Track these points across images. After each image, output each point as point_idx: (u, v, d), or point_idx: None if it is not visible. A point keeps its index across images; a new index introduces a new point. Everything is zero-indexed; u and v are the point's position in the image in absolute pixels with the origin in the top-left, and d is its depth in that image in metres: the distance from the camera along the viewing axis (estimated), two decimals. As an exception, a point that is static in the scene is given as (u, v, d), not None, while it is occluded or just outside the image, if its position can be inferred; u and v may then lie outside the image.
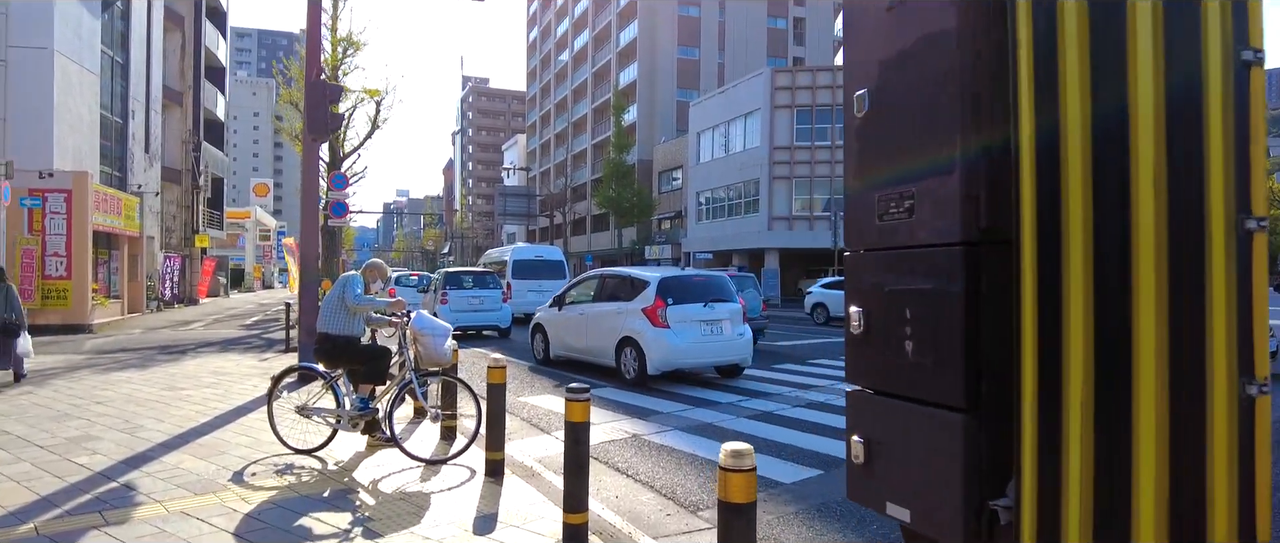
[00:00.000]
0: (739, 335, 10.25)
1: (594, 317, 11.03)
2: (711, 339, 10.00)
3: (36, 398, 8.57)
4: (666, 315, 9.76)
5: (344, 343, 5.67)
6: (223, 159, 42.54)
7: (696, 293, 10.24)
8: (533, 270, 22.16)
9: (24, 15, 18.97)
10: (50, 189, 18.73)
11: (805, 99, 36.81)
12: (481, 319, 17.64)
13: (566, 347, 11.74)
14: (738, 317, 10.35)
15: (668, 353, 9.63)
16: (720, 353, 10.12)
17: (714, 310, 10.09)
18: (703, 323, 9.97)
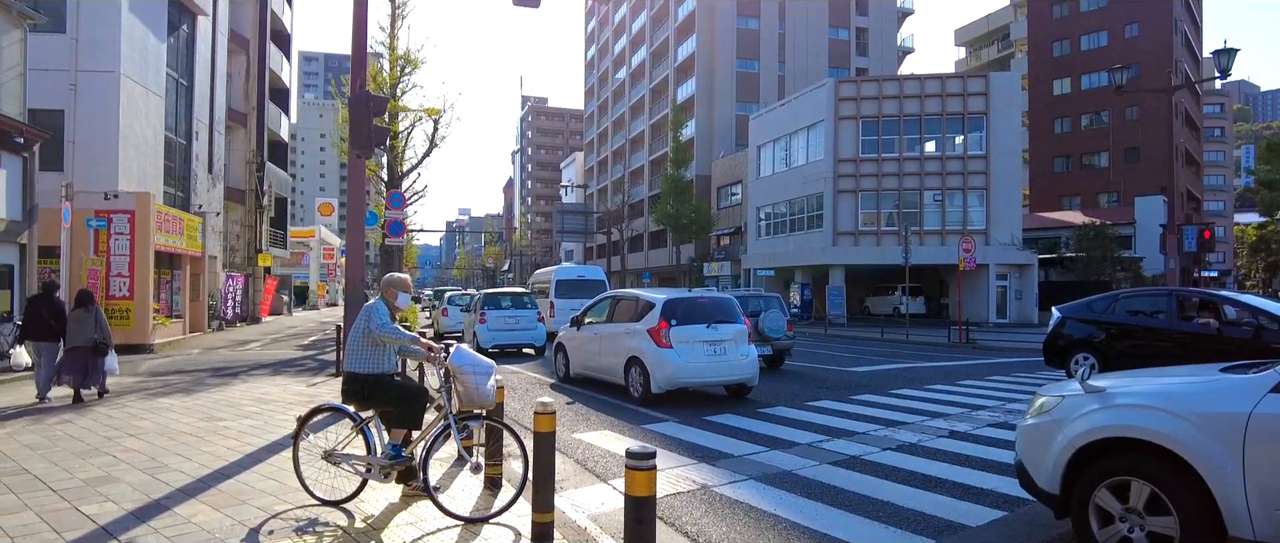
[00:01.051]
0: (743, 356, 10.55)
1: (606, 337, 11.58)
2: (715, 359, 10.34)
3: (74, 428, 8.17)
4: (670, 336, 10.19)
5: (374, 382, 4.98)
6: (286, 179, 43.27)
7: (701, 314, 10.60)
8: (576, 289, 22.83)
9: (93, 41, 19.23)
10: (114, 210, 18.87)
11: (871, 110, 35.51)
12: (518, 338, 18.48)
13: (584, 366, 12.30)
14: (742, 337, 10.66)
15: (671, 372, 10.06)
16: (724, 373, 10.47)
17: (717, 331, 10.43)
18: (706, 343, 10.32)
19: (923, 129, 35.39)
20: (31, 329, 10.38)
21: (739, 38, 54.52)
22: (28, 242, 13.93)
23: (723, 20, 54.10)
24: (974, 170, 34.89)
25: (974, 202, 35.09)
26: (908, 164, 35.25)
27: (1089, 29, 53.44)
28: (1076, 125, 54.00)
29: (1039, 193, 54.06)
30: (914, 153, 35.41)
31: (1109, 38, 52.16)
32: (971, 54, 71.08)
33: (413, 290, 5.30)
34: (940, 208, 35.19)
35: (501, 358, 17.22)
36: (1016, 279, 35.22)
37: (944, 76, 36.49)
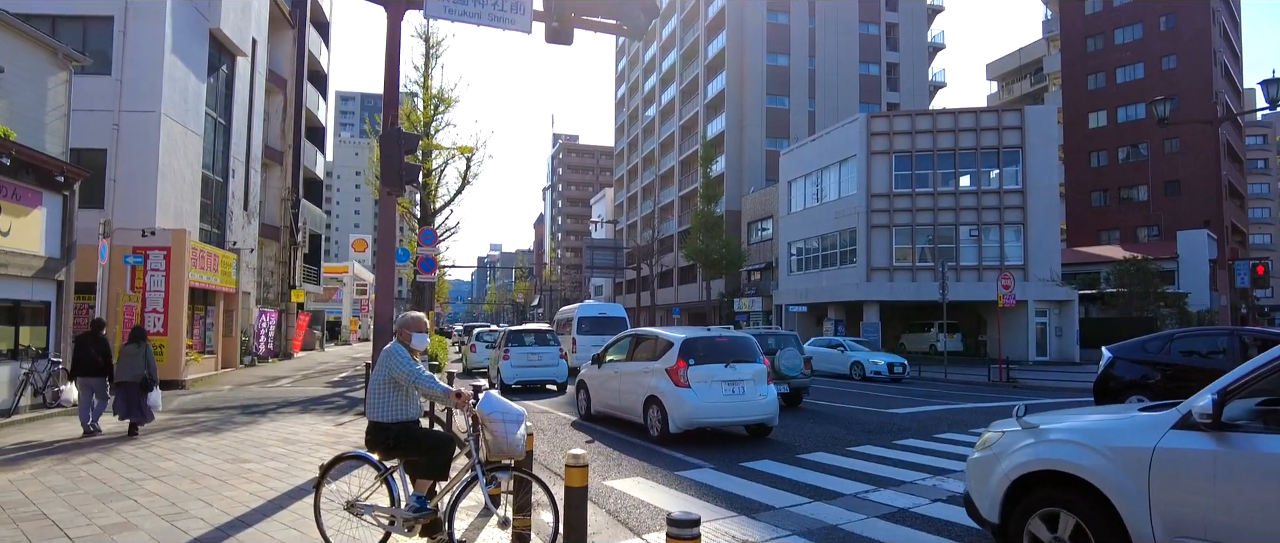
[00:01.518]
0: (762, 396, 10.51)
1: (626, 375, 11.64)
2: (733, 399, 10.31)
3: (98, 469, 8.05)
4: (688, 375, 10.20)
5: (399, 431, 4.73)
6: (321, 215, 43.81)
7: (719, 353, 10.61)
8: (598, 326, 23.46)
9: (136, 82, 19.63)
10: (151, 247, 19.09)
11: (904, 144, 35.14)
12: (540, 374, 18.73)
13: (605, 403, 12.34)
14: (761, 377, 10.65)
15: (689, 412, 10.05)
16: (742, 412, 10.40)
17: (736, 371, 10.44)
18: (725, 383, 10.32)
19: (957, 163, 34.91)
20: (80, 365, 10.83)
21: (769, 74, 54.62)
22: (65, 278, 14.05)
23: (752, 57, 54.30)
24: (1010, 204, 34.27)
25: (1011, 236, 34.41)
26: (942, 199, 34.73)
27: (1125, 61, 52.73)
28: (1114, 159, 53.05)
29: (1076, 227, 53.01)
30: (948, 187, 34.91)
31: (1145, 71, 51.39)
32: (1004, 88, 70.44)
33: (430, 329, 5.06)
34: (976, 243, 34.55)
35: (525, 394, 17.62)
36: (1056, 316, 34.34)
37: (978, 110, 36.07)
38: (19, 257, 12.66)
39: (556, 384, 18.85)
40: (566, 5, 11.11)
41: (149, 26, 19.85)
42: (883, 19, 57.22)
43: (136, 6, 19.83)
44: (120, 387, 10.48)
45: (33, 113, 13.79)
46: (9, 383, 12.58)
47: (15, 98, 13.30)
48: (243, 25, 24.84)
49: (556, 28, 11.21)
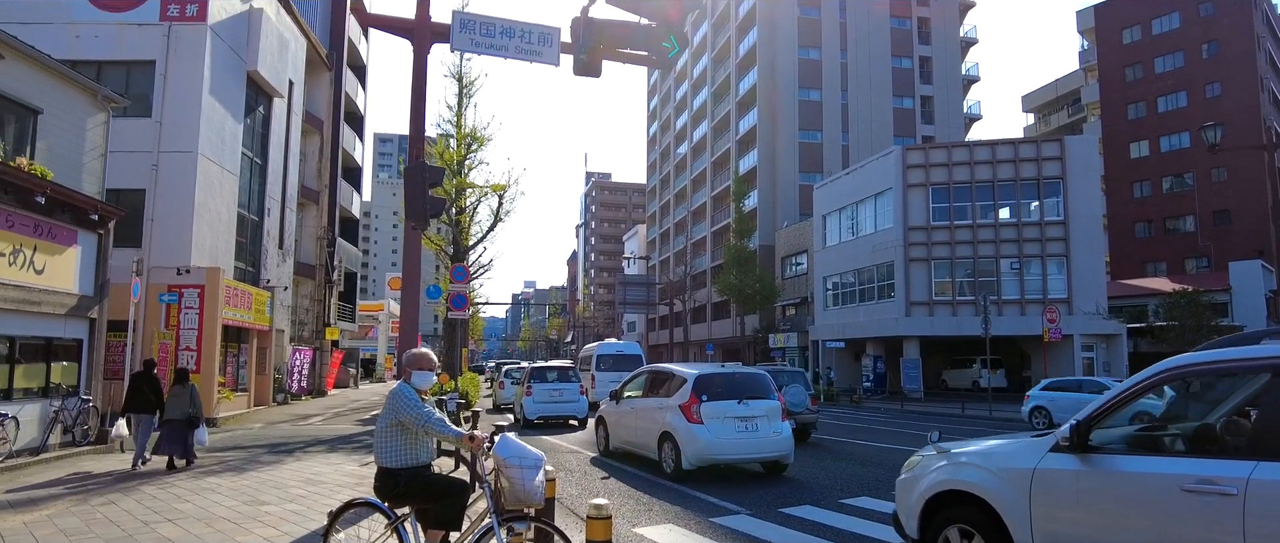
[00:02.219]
0: (775, 433, 10.44)
1: (641, 411, 11.71)
2: (746, 436, 10.26)
3: (115, 511, 7.85)
4: (701, 412, 10.16)
5: (409, 477, 4.40)
6: (356, 254, 44.26)
7: (733, 390, 10.54)
8: (615, 363, 24.82)
9: (175, 123, 19.98)
10: (185, 285, 19.22)
11: (941, 177, 34.53)
12: (562, 410, 19.30)
13: (622, 439, 12.45)
14: (775, 414, 10.58)
15: (702, 448, 10.01)
16: (755, 449, 10.35)
17: (749, 407, 10.36)
18: (738, 419, 10.26)
19: (996, 195, 34.20)
20: (133, 403, 11.54)
21: (801, 109, 54.43)
22: (97, 317, 14.11)
23: (784, 93, 54.20)
24: (1052, 236, 33.40)
25: (1053, 269, 33.48)
26: (982, 231, 33.98)
27: (1166, 90, 51.63)
28: (1157, 189, 51.71)
29: (1120, 259, 51.57)
30: (988, 220, 34.16)
31: (1188, 99, 50.23)
32: (1040, 120, 69.38)
33: (437, 367, 4.71)
34: (1018, 276, 33.66)
35: (546, 429, 18.27)
36: (1104, 350, 33.19)
37: (1016, 141, 35.41)
38: (52, 295, 12.72)
39: (577, 419, 19.46)
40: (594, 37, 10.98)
41: (189, 70, 20.26)
42: (916, 52, 56.89)
43: (177, 50, 20.27)
44: (168, 424, 11.12)
45: (71, 153, 13.98)
46: (39, 421, 12.57)
47: (54, 138, 13.50)
48: (280, 68, 25.30)
49: (584, 60, 11.07)
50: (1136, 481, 4.00)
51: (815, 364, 40.79)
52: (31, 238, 12.25)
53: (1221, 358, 4.12)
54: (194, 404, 11.30)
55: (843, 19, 55.98)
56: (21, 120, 12.95)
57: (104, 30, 20.18)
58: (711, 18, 67.51)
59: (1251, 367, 3.97)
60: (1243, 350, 4.04)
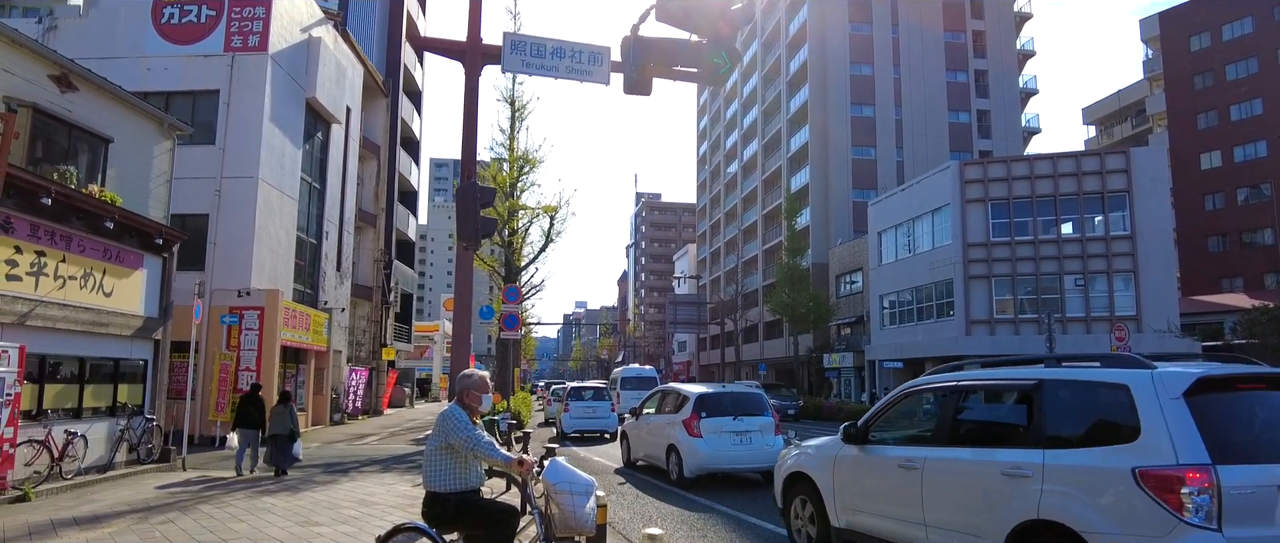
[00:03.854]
0: (768, 445, 11.69)
1: (655, 426, 13.13)
2: (740, 448, 11.65)
3: (173, 530, 7.95)
4: (701, 427, 11.60)
5: (458, 502, 4.28)
6: (412, 276, 44.95)
7: (729, 407, 11.99)
8: (635, 384, 28.53)
9: (237, 150, 20.62)
10: (246, 307, 19.70)
11: (1000, 192, 33.61)
12: (595, 424, 21.75)
13: (641, 452, 13.86)
14: (769, 428, 11.97)
15: (701, 459, 11.49)
16: (750, 460, 11.72)
17: (743, 422, 11.78)
18: (733, 433, 11.66)
19: (1058, 210, 33.12)
20: (241, 419, 13.25)
21: (854, 125, 53.72)
22: (161, 338, 14.49)
23: (836, 110, 53.59)
24: (1118, 252, 32.17)
25: (1120, 286, 32.21)
26: (1044, 247, 32.91)
27: (1239, 98, 49.57)
28: (1232, 200, 49.52)
29: (1191, 275, 49.39)
30: (1050, 235, 33.08)
31: (1264, 106, 48.14)
32: (1103, 132, 67.24)
33: (490, 389, 4.61)
34: (1083, 293, 32.47)
35: (581, 442, 20.72)
36: (1178, 371, 31.68)
37: (1078, 155, 34.31)
38: (120, 317, 13.10)
39: (609, 433, 21.60)
40: (645, 56, 10.93)
41: (250, 98, 20.90)
42: (971, 66, 55.76)
43: (240, 80, 20.94)
44: (272, 439, 12.92)
45: (138, 180, 14.45)
46: (106, 439, 12.91)
47: (123, 166, 13.97)
48: (337, 95, 25.94)
49: (635, 78, 11.03)
50: (880, 461, 6.11)
51: (872, 384, 39.90)
52: (101, 261, 12.65)
53: (922, 384, 6.21)
54: (293, 421, 13.11)
55: (895, 34, 55.23)
56: (94, 149, 13.44)
57: (173, 63, 20.97)
58: (761, 36, 67.33)
59: (933, 388, 6.04)
60: (935, 377, 6.15)
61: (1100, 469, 4.43)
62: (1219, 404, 4.45)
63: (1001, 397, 5.62)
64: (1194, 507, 3.99)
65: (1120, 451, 4.40)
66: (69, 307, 11.82)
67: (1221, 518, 3.98)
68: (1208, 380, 4.45)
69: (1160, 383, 4.45)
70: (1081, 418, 4.83)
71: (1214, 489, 4.00)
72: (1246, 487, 4.05)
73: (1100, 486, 4.40)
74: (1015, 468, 4.84)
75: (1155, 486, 4.13)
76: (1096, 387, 4.85)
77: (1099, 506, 4.36)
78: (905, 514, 5.66)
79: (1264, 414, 4.56)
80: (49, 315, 11.38)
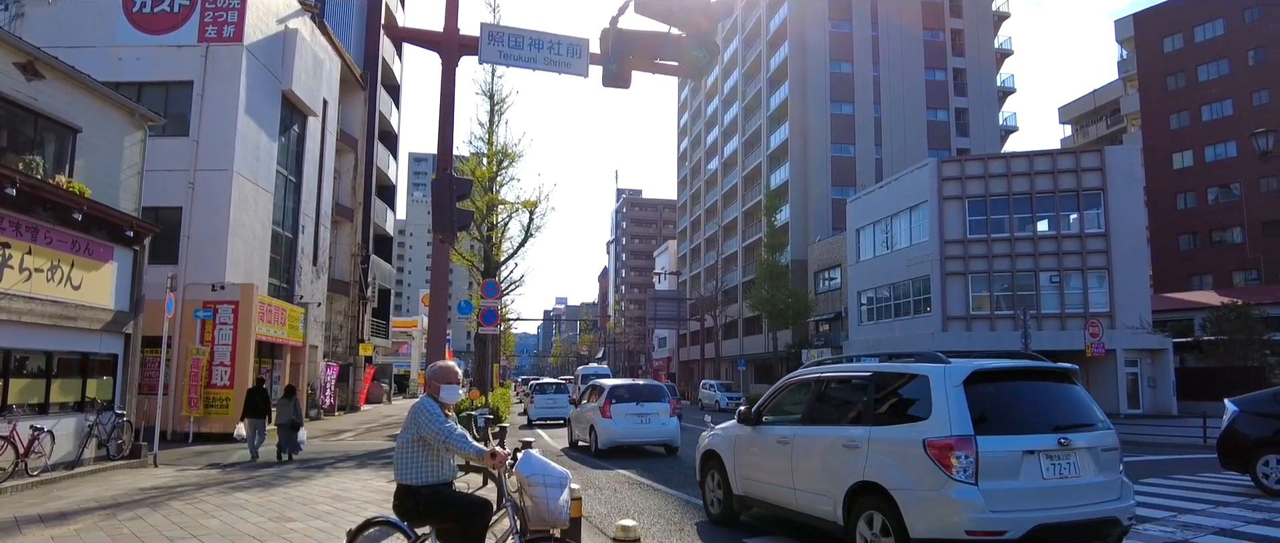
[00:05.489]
0: (664, 425, 15.65)
1: (585, 411, 16.73)
2: (641, 426, 15.40)
3: (141, 526, 7.80)
4: (611, 411, 15.33)
5: (429, 495, 4.22)
6: (390, 271, 44.60)
7: (635, 395, 15.83)
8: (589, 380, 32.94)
9: (210, 141, 20.28)
10: (220, 301, 19.41)
11: (977, 189, 33.91)
12: (555, 412, 25.57)
13: (577, 434, 17.44)
14: (665, 412, 15.77)
15: (611, 434, 15.21)
16: (648, 436, 15.52)
17: (644, 407, 15.54)
18: (636, 416, 15.41)
19: (1034, 207, 33.48)
20: (249, 409, 15.13)
21: (833, 123, 53.97)
22: (133, 332, 14.25)
23: (816, 108, 53.82)
24: (1093, 250, 32.57)
25: (1094, 282, 32.62)
26: (1020, 244, 33.26)
27: (1210, 99, 50.34)
28: (1202, 200, 50.32)
29: (1163, 273, 50.15)
30: (1026, 233, 33.43)
31: (1234, 107, 48.93)
32: (1078, 131, 68.07)
33: (461, 380, 4.53)
34: (1058, 290, 32.85)
35: (545, 427, 24.64)
36: (1149, 366, 32.18)
37: (1054, 153, 34.70)
38: (89, 310, 12.86)
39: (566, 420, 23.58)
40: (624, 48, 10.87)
41: (225, 89, 20.57)
42: (950, 64, 56.20)
43: (214, 71, 20.61)
44: (279, 428, 14.85)
45: (108, 171, 14.19)
46: (74, 435, 12.67)
47: (92, 156, 13.70)
48: (314, 87, 25.63)
49: (615, 71, 10.96)
50: (765, 439, 7.41)
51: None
52: (69, 254, 12.40)
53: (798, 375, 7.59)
54: (296, 412, 15.06)
55: (875, 32, 55.54)
56: (61, 139, 13.17)
57: (145, 52, 20.59)
58: (742, 32, 67.45)
59: (803, 379, 7.41)
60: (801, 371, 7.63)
61: (903, 441, 5.64)
62: (986, 391, 5.61)
63: (848, 386, 6.78)
64: (960, 468, 5.21)
65: (918, 427, 5.59)
66: (35, 300, 11.58)
67: (979, 475, 5.22)
68: (979, 373, 5.64)
69: (948, 375, 5.60)
70: (897, 402, 6.05)
71: (974, 455, 5.24)
72: (998, 452, 5.30)
73: (903, 453, 5.60)
74: (851, 441, 6.10)
75: (935, 452, 5.33)
76: (908, 378, 6.02)
77: (901, 469, 5.57)
78: (782, 481, 7.00)
79: (1016, 399, 5.85)
80: (14, 308, 11.14)
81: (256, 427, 14.96)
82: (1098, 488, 5.57)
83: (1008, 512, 5.17)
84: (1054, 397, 5.94)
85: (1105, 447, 5.74)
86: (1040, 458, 5.38)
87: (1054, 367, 6.05)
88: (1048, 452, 5.40)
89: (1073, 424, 5.70)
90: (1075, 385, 6.09)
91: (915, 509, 5.37)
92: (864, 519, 5.80)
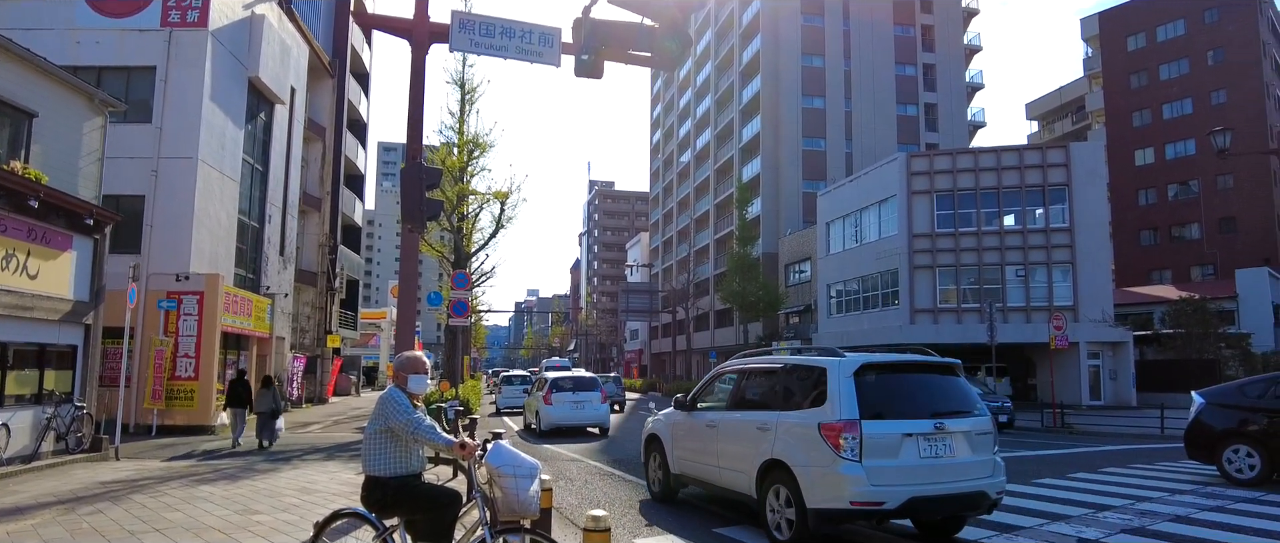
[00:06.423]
0: (596, 410, 18.87)
1: (532, 399, 20.15)
2: (577, 411, 18.63)
3: (102, 520, 7.65)
4: (552, 398, 18.53)
5: (397, 487, 4.18)
6: (359, 262, 44.09)
7: (572, 386, 19.18)
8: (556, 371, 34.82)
9: (175, 128, 19.86)
10: (185, 291, 19.06)
11: (945, 184, 34.32)
12: (520, 402, 26.03)
13: (529, 419, 20.50)
14: (597, 399, 19.01)
15: (551, 418, 18.33)
16: (584, 419, 18.70)
17: (579, 396, 18.82)
18: (573, 402, 18.67)
19: (1001, 202, 33.97)
20: (231, 400, 16.14)
21: (805, 117, 54.25)
22: (93, 322, 13.94)
23: (788, 101, 54.06)
24: (1057, 244, 33.15)
25: (1059, 276, 33.21)
26: (987, 238, 33.74)
27: (1171, 97, 51.44)
28: (1163, 196, 51.47)
29: (1125, 267, 51.27)
30: (993, 227, 33.92)
31: (1194, 106, 50.04)
32: (1045, 127, 69.17)
33: (429, 370, 4.50)
34: (1023, 283, 33.39)
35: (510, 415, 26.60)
36: (1110, 358, 32.86)
37: (1021, 148, 35.20)
38: (46, 300, 12.55)
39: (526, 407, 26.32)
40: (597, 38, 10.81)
41: (189, 76, 20.15)
42: (919, 60, 56.74)
43: (178, 56, 20.16)
44: (259, 416, 15.60)
45: (67, 158, 13.83)
46: (31, 428, 12.36)
47: (49, 142, 13.35)
48: (282, 74, 25.19)
49: (587, 62, 10.89)
50: (697, 423, 8.29)
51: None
52: (25, 242, 12.08)
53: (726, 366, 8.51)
54: (276, 401, 15.80)
55: (846, 27, 55.87)
56: (16, 124, 12.81)
57: (105, 36, 20.09)
58: (715, 26, 67.48)
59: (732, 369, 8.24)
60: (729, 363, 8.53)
61: (803, 424, 6.52)
62: (874, 382, 6.46)
63: (764, 376, 7.62)
64: (847, 448, 6.07)
65: (816, 412, 6.43)
66: (-10, 289, 11.27)
67: (863, 454, 6.07)
68: (868, 366, 6.51)
69: (841, 368, 6.45)
70: (800, 390, 6.88)
71: (859, 436, 6.08)
72: (880, 435, 6.16)
73: (803, 435, 6.46)
74: (764, 424, 7.00)
75: (828, 434, 6.18)
76: (810, 370, 6.86)
77: (801, 448, 6.44)
78: (709, 460, 7.92)
79: (900, 389, 6.69)
80: (-31, 298, 10.83)
81: (238, 416, 15.78)
82: (970, 467, 6.40)
83: (887, 486, 5.99)
84: (935, 387, 6.75)
85: (980, 431, 6.54)
86: (918, 440, 6.22)
87: (938, 361, 6.89)
88: (925, 435, 6.24)
89: (950, 411, 6.48)
90: (957, 378, 6.91)
91: (811, 483, 6.20)
92: (772, 492, 6.67)
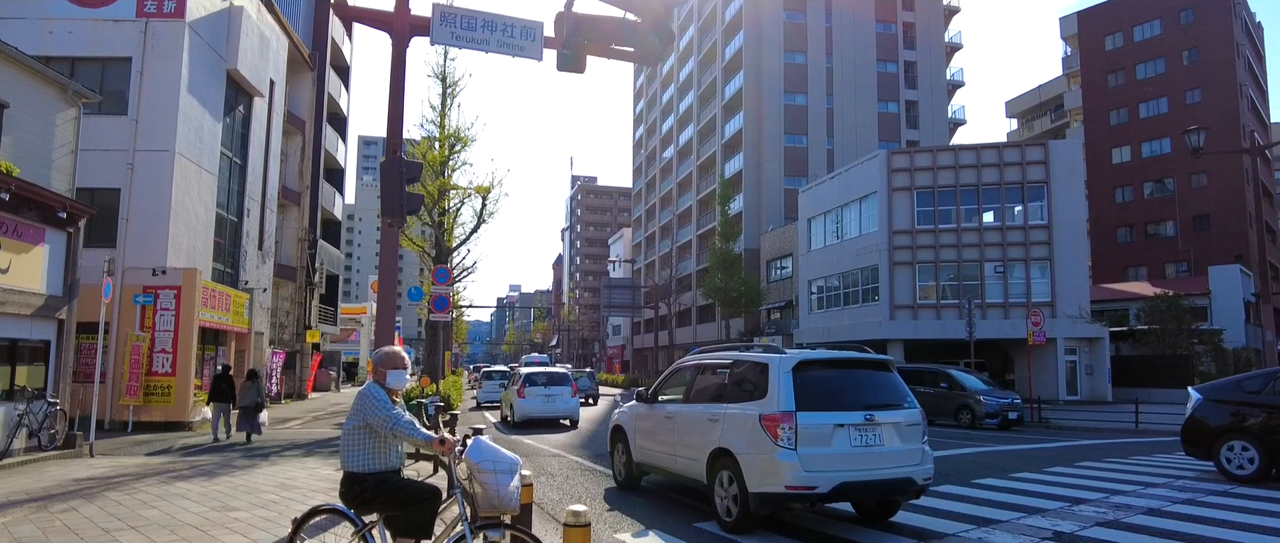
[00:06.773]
0: (567, 403, 19.74)
1: (508, 393, 21.15)
2: (548, 403, 19.54)
3: (76, 518, 7.55)
4: (525, 392, 19.59)
5: (376, 483, 4.16)
6: (338, 256, 43.74)
7: (543, 381, 20.03)
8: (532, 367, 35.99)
9: (151, 121, 19.58)
10: (161, 286, 18.82)
11: (925, 181, 34.56)
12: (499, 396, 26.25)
13: (505, 412, 21.35)
14: (567, 393, 19.90)
15: (524, 410, 19.47)
16: (553, 411, 19.56)
17: (550, 390, 19.73)
18: (544, 396, 19.61)
19: (980, 199, 34.26)
20: (215, 394, 16.25)
21: (787, 114, 54.42)
22: (66, 317, 13.74)
23: (770, 98, 54.19)
24: (1036, 241, 33.50)
25: (1037, 273, 33.56)
26: (966, 235, 34.02)
27: (1147, 96, 52.09)
28: (1139, 194, 52.14)
29: (1101, 264, 51.92)
30: (972, 224, 34.22)
31: (1170, 105, 50.71)
32: (1024, 125, 69.83)
33: (408, 366, 4.47)
34: (1002, 280, 33.72)
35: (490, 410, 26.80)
36: (1086, 354, 33.28)
37: (1000, 146, 35.51)
38: (18, 294, 12.36)
39: None
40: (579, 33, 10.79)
41: (166, 67, 19.88)
42: (901, 57, 57.06)
43: (155, 48, 19.88)
44: (242, 410, 15.81)
45: (39, 150, 13.62)
46: (3, 425, 12.17)
47: (20, 134, 13.14)
48: (261, 67, 24.92)
49: (569, 56, 10.87)
50: (657, 414, 8.86)
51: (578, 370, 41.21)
52: (-3, 236, 11.89)
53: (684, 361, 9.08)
54: (259, 395, 15.98)
55: (828, 24, 56.07)
56: (-12, 115, 12.60)
57: (79, 26, 19.78)
58: (698, 21, 67.48)
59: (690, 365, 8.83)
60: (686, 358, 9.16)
61: (747, 415, 7.05)
62: (811, 376, 7.01)
63: (716, 371, 8.20)
64: (784, 437, 6.60)
65: (757, 404, 7.00)
66: (-39, 283, 11.08)
67: (798, 443, 6.60)
68: (805, 362, 7.09)
69: (781, 363, 7.00)
70: (745, 384, 7.42)
71: (794, 427, 6.62)
72: (814, 425, 6.70)
73: (746, 425, 7.00)
74: (714, 416, 7.56)
75: (767, 424, 6.72)
76: (755, 365, 7.39)
77: (744, 437, 6.99)
78: (667, 449, 8.51)
79: (835, 383, 7.19)
80: (-62, 292, 10.65)
81: (221, 410, 16.00)
82: (898, 455, 6.94)
83: (820, 472, 6.52)
84: (868, 382, 7.32)
85: (909, 423, 7.09)
86: (849, 430, 6.77)
87: (871, 358, 7.55)
88: (856, 426, 6.80)
89: (880, 404, 7.04)
90: (890, 374, 7.49)
91: (752, 470, 6.74)
92: (720, 478, 7.23)
